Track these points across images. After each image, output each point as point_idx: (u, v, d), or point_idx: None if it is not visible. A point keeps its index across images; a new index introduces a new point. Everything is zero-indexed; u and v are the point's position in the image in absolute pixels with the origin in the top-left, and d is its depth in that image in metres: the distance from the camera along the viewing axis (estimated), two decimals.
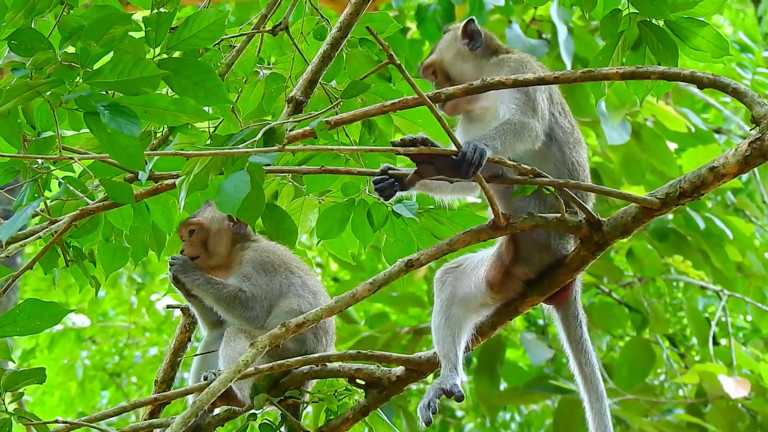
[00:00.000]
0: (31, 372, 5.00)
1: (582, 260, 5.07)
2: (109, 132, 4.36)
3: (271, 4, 6.29)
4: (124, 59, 4.43)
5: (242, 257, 5.64)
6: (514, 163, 4.83)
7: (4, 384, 4.96)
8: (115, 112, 4.36)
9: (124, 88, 4.46)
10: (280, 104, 6.28)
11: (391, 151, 4.83)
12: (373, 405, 5.34)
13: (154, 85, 4.45)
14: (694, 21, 5.41)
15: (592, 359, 5.32)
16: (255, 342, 4.63)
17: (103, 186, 4.73)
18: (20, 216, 4.63)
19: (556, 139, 5.14)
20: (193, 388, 5.17)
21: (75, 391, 16.82)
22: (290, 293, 5.56)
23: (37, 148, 4.79)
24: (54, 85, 4.47)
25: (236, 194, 4.30)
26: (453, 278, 5.24)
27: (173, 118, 4.55)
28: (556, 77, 5.05)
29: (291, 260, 5.70)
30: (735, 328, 14.09)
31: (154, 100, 4.50)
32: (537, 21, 12.79)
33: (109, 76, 4.45)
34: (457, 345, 5.14)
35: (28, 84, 4.46)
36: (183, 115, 4.52)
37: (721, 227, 12.30)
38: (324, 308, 4.74)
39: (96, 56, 4.47)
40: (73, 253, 5.20)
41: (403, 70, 4.56)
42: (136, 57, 4.43)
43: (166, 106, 4.52)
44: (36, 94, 4.50)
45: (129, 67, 4.44)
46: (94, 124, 4.40)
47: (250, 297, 5.50)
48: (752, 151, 4.78)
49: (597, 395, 5.26)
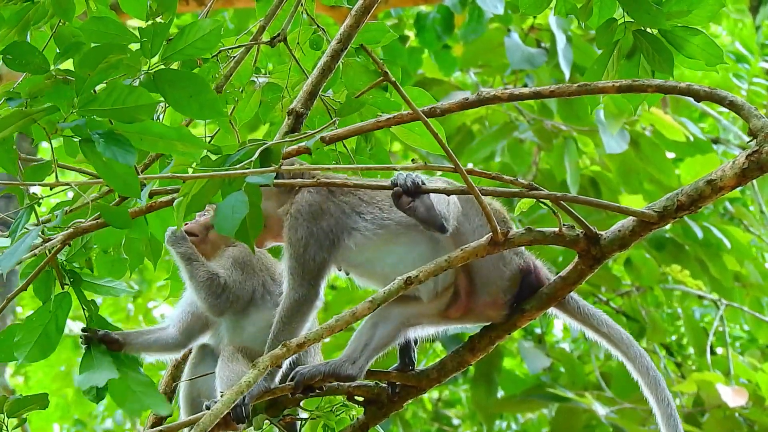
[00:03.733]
0: (34, 398, 4.98)
1: (580, 274, 5.05)
2: (104, 161, 4.36)
3: (269, 14, 6.28)
4: (118, 87, 4.43)
5: (224, 251, 5.61)
6: (510, 178, 4.82)
7: (8, 410, 4.96)
8: (110, 141, 4.36)
9: (119, 116, 4.46)
10: (276, 114, 6.27)
11: (388, 169, 4.82)
12: (372, 422, 5.31)
13: (149, 113, 4.45)
14: (688, 30, 5.41)
15: (615, 328, 5.17)
16: (256, 362, 4.61)
17: (100, 211, 4.72)
18: (19, 246, 4.61)
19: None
20: (196, 417, 5.10)
21: (71, 398, 16.79)
22: (269, 303, 5.53)
23: (33, 173, 4.77)
24: (49, 112, 4.47)
25: (234, 215, 4.29)
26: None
27: (167, 146, 4.54)
28: (552, 91, 5.05)
29: (273, 266, 5.66)
30: (732, 337, 14.10)
31: (150, 128, 4.50)
32: (536, 30, 12.80)
33: (104, 103, 4.44)
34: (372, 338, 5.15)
35: (23, 112, 4.45)
36: (178, 143, 4.51)
37: (718, 237, 12.30)
38: (324, 327, 4.72)
39: (91, 84, 4.46)
40: (69, 278, 5.17)
41: (398, 87, 4.55)
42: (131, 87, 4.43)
43: (162, 134, 4.51)
44: (31, 122, 4.49)
45: (124, 95, 4.44)
46: (89, 152, 4.39)
47: (222, 284, 5.47)
48: (750, 164, 4.76)
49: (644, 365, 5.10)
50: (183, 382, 5.57)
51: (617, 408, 12.39)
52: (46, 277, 5.05)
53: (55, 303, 5.04)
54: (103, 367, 5.13)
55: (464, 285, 5.13)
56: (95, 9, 5.51)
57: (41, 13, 5.15)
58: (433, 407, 14.33)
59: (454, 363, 5.24)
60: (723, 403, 11.76)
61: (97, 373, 5.06)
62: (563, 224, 4.91)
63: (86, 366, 5.16)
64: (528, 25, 12.80)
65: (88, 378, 5.09)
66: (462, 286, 5.13)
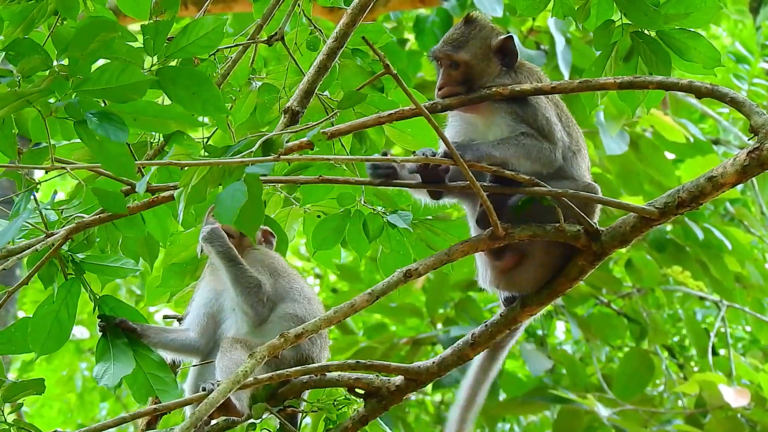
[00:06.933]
0: (30, 383, 5.00)
1: (580, 270, 5.06)
2: (98, 140, 4.36)
3: (266, 14, 6.29)
4: (111, 67, 4.44)
5: (247, 256, 5.62)
6: (512, 173, 4.83)
7: (4, 395, 4.96)
8: (102, 119, 4.37)
9: (112, 95, 4.46)
10: (273, 115, 6.28)
11: (388, 161, 4.82)
12: (372, 414, 5.33)
13: (141, 91, 4.44)
14: (686, 32, 5.42)
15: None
16: (254, 353, 4.62)
17: (95, 195, 4.72)
18: (10, 228, 4.63)
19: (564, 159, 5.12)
20: (192, 398, 5.14)
21: (74, 403, 16.80)
22: (287, 298, 5.56)
23: (31, 158, 4.78)
24: (43, 93, 4.47)
25: (233, 204, 4.29)
26: None
27: (162, 125, 4.56)
28: (553, 87, 5.07)
29: (289, 267, 5.70)
30: (734, 338, 14.10)
31: (143, 108, 4.51)
32: (535, 32, 12.81)
33: (96, 83, 4.45)
34: None
35: (17, 93, 4.46)
36: (172, 122, 4.52)
37: (719, 238, 12.30)
38: (322, 318, 4.73)
39: (84, 65, 4.46)
40: (72, 267, 5.18)
41: (400, 80, 4.56)
42: (123, 64, 4.43)
43: (155, 113, 4.52)
44: (26, 104, 4.50)
45: (116, 74, 4.44)
46: (84, 133, 4.41)
47: (266, 293, 5.49)
48: (750, 161, 4.78)
49: None
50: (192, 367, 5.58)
51: (619, 409, 12.38)
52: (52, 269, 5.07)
53: (64, 289, 5.07)
54: (119, 357, 5.17)
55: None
56: (93, 9, 5.52)
57: (43, 13, 5.16)
58: (435, 410, 14.33)
59: (454, 357, 5.25)
60: (725, 403, 11.76)
61: (113, 364, 5.11)
62: (564, 220, 4.92)
63: (102, 354, 5.18)
64: (527, 27, 12.81)
65: (104, 369, 5.12)
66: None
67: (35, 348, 5.06)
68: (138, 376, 5.26)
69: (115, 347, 5.23)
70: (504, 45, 5.21)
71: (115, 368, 5.12)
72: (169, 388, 5.25)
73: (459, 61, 5.15)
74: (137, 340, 5.32)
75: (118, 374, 5.09)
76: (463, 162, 4.69)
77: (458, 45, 5.18)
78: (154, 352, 5.36)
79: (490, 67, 5.17)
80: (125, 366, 5.16)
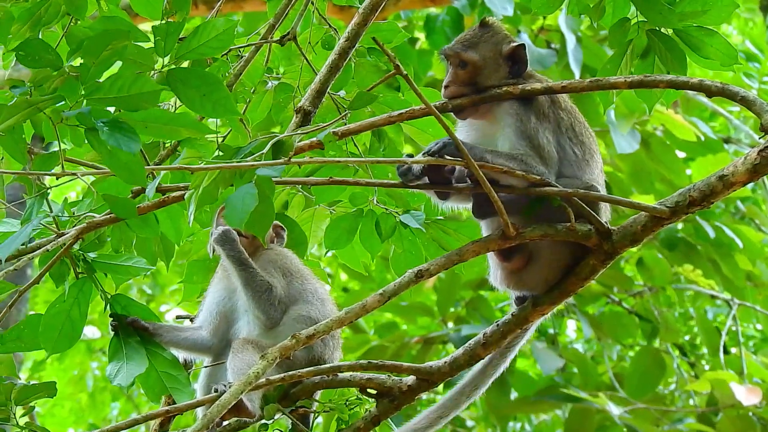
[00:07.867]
0: (42, 386, 5.01)
1: (592, 269, 5.06)
2: (109, 149, 4.37)
3: (279, 13, 6.30)
4: (123, 75, 4.44)
5: (260, 257, 5.62)
6: (522, 172, 4.82)
7: (16, 398, 4.97)
8: (114, 129, 4.38)
9: (124, 103, 4.47)
10: (288, 114, 6.28)
11: (399, 162, 4.83)
12: (384, 415, 5.33)
13: (153, 100, 4.45)
14: (702, 30, 5.39)
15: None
16: (265, 354, 4.63)
17: (106, 201, 4.74)
18: (21, 233, 4.64)
19: (563, 174, 5.11)
20: (204, 400, 5.15)
21: (85, 403, 16.83)
22: (300, 299, 5.56)
23: (41, 163, 4.79)
24: (55, 101, 4.48)
25: (244, 207, 4.29)
26: None
27: (173, 133, 4.56)
28: (563, 86, 5.06)
29: (303, 268, 5.70)
30: (745, 336, 14.08)
31: (155, 115, 4.51)
32: (546, 31, 12.80)
33: (109, 92, 4.46)
34: None
35: (28, 101, 4.47)
36: (183, 129, 4.52)
37: (730, 236, 12.29)
38: (334, 319, 4.74)
39: (96, 72, 4.48)
40: (83, 266, 5.19)
41: (410, 80, 4.56)
42: (135, 73, 4.44)
43: (166, 121, 4.52)
44: (37, 111, 4.50)
45: (129, 83, 4.45)
46: (94, 140, 4.42)
47: (277, 296, 5.49)
48: (761, 160, 4.77)
49: None
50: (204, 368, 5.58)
51: (631, 408, 12.38)
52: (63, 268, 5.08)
53: (75, 288, 5.08)
54: (132, 356, 5.18)
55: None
56: (106, 9, 5.53)
57: (53, 12, 5.17)
58: None
59: (465, 357, 5.25)
60: (737, 402, 11.75)
61: (126, 363, 5.12)
62: (575, 219, 4.92)
63: (115, 353, 5.20)
64: (538, 26, 12.81)
65: (117, 368, 5.14)
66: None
67: (47, 347, 5.07)
68: (151, 374, 5.27)
69: (127, 346, 5.24)
70: (515, 52, 5.19)
71: (128, 367, 5.13)
72: (183, 386, 5.26)
73: (468, 60, 5.14)
74: (149, 339, 5.33)
75: (132, 373, 5.10)
76: (474, 163, 4.68)
77: (469, 45, 5.18)
78: (167, 350, 5.37)
79: (498, 72, 5.16)
80: (138, 365, 5.16)
